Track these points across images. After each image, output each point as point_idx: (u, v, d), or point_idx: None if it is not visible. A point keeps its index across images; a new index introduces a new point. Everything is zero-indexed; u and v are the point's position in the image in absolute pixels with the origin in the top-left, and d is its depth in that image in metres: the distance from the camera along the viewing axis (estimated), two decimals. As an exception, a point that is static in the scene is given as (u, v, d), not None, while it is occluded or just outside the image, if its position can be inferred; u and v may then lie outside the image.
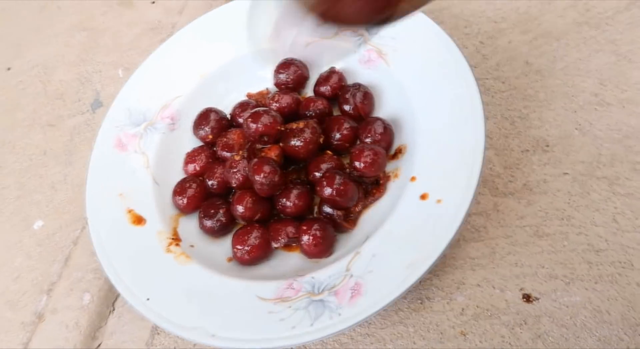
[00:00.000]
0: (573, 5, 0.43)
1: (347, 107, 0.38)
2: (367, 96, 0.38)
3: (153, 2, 0.57)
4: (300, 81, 0.40)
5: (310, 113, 0.38)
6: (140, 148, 0.39)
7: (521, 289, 0.32)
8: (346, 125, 0.37)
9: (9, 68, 0.57)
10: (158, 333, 0.36)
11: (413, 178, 0.33)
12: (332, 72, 0.40)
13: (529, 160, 0.37)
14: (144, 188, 0.37)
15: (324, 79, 0.40)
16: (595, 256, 0.32)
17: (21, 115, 0.52)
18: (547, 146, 0.37)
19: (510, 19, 0.43)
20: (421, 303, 0.33)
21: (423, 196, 0.32)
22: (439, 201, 0.31)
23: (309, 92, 0.42)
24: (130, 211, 0.36)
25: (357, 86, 0.38)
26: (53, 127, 0.50)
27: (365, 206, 0.35)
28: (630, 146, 0.35)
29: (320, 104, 0.38)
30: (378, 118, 0.37)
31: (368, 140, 0.36)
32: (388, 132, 0.36)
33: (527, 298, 0.31)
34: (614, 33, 0.41)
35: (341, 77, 0.40)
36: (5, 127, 0.51)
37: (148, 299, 0.32)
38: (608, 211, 0.33)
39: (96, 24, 0.57)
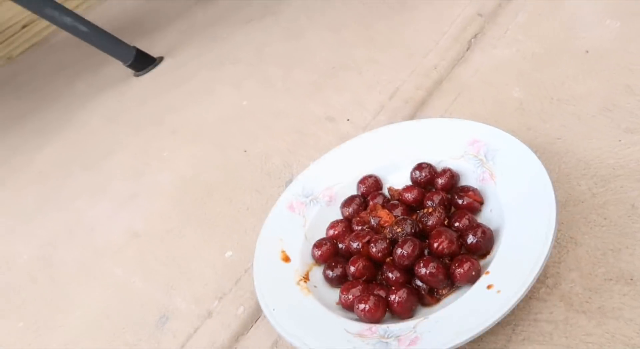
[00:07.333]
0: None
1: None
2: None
3: (348, 120, 0.77)
4: (430, 181, 0.52)
5: (433, 203, 0.49)
6: (303, 212, 0.55)
7: (566, 393, 0.35)
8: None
9: (245, 151, 0.81)
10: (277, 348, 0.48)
11: (487, 272, 0.41)
12: (445, 170, 0.51)
13: (610, 288, 0.40)
14: (297, 239, 0.53)
15: (439, 174, 0.52)
16: (646, 384, 0.34)
17: (242, 184, 0.74)
18: (632, 279, 0.40)
19: (628, 167, 0.48)
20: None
21: (489, 287, 0.39)
22: (498, 291, 0.38)
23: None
24: (283, 251, 0.51)
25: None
26: (258, 192, 0.71)
27: (451, 292, 0.44)
28: None
29: (439, 196, 0.49)
30: (481, 226, 0.45)
31: (471, 239, 0.45)
32: (487, 238, 0.45)
33: (568, 400, 0.35)
34: None
35: (453, 175, 0.51)
36: (229, 188, 0.74)
37: (274, 310, 0.45)
38: (673, 349, 0.35)
39: (307, 131, 0.79)
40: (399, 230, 0.46)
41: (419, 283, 0.44)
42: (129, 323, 0.60)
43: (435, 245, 0.44)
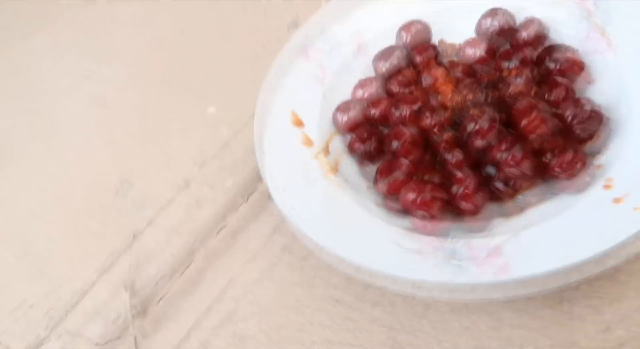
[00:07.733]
0: None
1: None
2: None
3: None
4: (508, 33, 0.37)
5: (513, 64, 0.35)
6: (322, 62, 0.40)
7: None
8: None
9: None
10: (279, 231, 0.37)
11: (598, 167, 0.29)
12: (530, 20, 0.37)
13: None
14: (312, 97, 0.39)
15: (521, 26, 0.37)
16: None
17: (226, 24, 0.56)
18: None
19: None
20: (559, 302, 0.29)
21: (617, 200, 0.28)
22: (635, 209, 0.27)
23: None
24: (293, 113, 0.38)
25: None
26: (249, 35, 0.54)
27: (531, 187, 0.32)
28: None
29: (523, 54, 0.35)
30: (587, 101, 0.32)
31: (571, 117, 0.31)
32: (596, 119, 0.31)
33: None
34: None
35: (542, 26, 0.36)
36: (209, 27, 0.56)
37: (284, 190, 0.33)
38: None
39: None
40: (468, 96, 0.32)
41: (490, 171, 0.32)
42: (82, 188, 0.47)
43: (524, 122, 0.31)
